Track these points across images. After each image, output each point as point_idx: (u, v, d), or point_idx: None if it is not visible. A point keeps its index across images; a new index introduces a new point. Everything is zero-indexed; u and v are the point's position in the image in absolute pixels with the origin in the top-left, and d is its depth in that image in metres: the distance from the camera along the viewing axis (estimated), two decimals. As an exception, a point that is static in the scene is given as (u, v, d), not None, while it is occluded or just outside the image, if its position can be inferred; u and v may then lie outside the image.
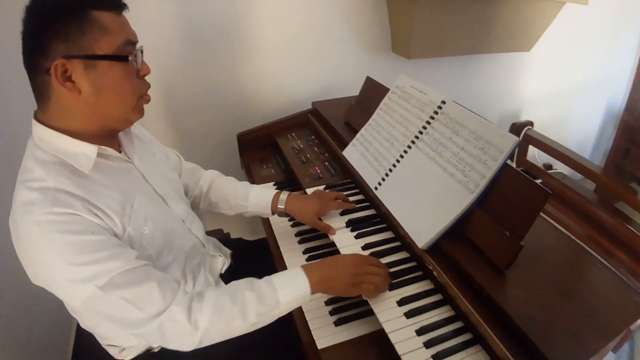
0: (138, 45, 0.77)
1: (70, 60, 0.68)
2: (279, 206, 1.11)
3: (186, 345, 0.74)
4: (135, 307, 0.70)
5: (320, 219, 1.09)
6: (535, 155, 2.41)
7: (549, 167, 2.25)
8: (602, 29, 2.37)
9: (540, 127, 2.37)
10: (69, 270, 0.67)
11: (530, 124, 2.27)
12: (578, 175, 2.30)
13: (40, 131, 0.74)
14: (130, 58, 0.74)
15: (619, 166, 2.29)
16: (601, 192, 2.24)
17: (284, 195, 1.12)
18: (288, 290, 0.80)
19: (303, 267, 0.85)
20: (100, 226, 0.71)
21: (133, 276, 0.71)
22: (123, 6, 0.74)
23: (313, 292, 0.82)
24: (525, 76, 2.32)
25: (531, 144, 2.14)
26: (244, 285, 0.80)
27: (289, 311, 0.82)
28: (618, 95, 2.68)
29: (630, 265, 1.54)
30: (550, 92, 2.46)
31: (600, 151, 2.91)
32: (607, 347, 0.71)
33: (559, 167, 2.26)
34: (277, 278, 0.83)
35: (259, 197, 1.13)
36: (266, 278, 0.83)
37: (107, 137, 0.82)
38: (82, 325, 0.87)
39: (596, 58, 2.47)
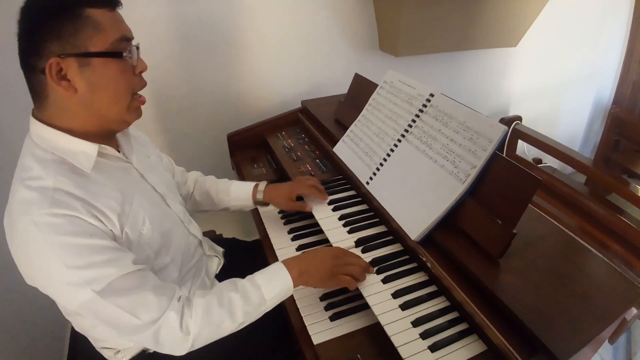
0: (134, 42, 0.76)
1: (65, 59, 0.67)
2: (257, 196, 1.16)
3: (179, 350, 0.75)
4: (131, 315, 0.70)
5: (301, 198, 1.16)
6: (524, 149, 2.42)
7: (539, 161, 2.25)
8: (588, 23, 2.39)
9: (529, 122, 2.37)
10: (67, 273, 0.66)
11: (519, 118, 2.28)
12: (568, 169, 2.31)
13: (38, 129, 0.73)
14: (124, 54, 0.73)
15: (608, 159, 2.30)
16: (592, 185, 2.25)
17: (262, 185, 1.17)
18: (271, 286, 0.82)
19: (283, 261, 0.87)
20: (99, 229, 0.70)
21: (130, 282, 0.71)
22: (116, 3, 0.73)
23: (295, 285, 0.84)
24: (513, 71, 2.34)
25: (520, 139, 2.15)
26: (229, 287, 0.81)
27: (275, 305, 0.84)
28: (606, 88, 2.70)
29: (625, 256, 1.54)
30: (538, 86, 2.48)
31: (589, 145, 2.94)
32: (603, 333, 0.71)
33: (549, 161, 2.28)
34: (259, 276, 0.84)
35: (240, 190, 1.18)
36: (249, 277, 0.84)
37: (106, 136, 0.81)
38: (76, 328, 0.86)
39: (583, 52, 2.49)
